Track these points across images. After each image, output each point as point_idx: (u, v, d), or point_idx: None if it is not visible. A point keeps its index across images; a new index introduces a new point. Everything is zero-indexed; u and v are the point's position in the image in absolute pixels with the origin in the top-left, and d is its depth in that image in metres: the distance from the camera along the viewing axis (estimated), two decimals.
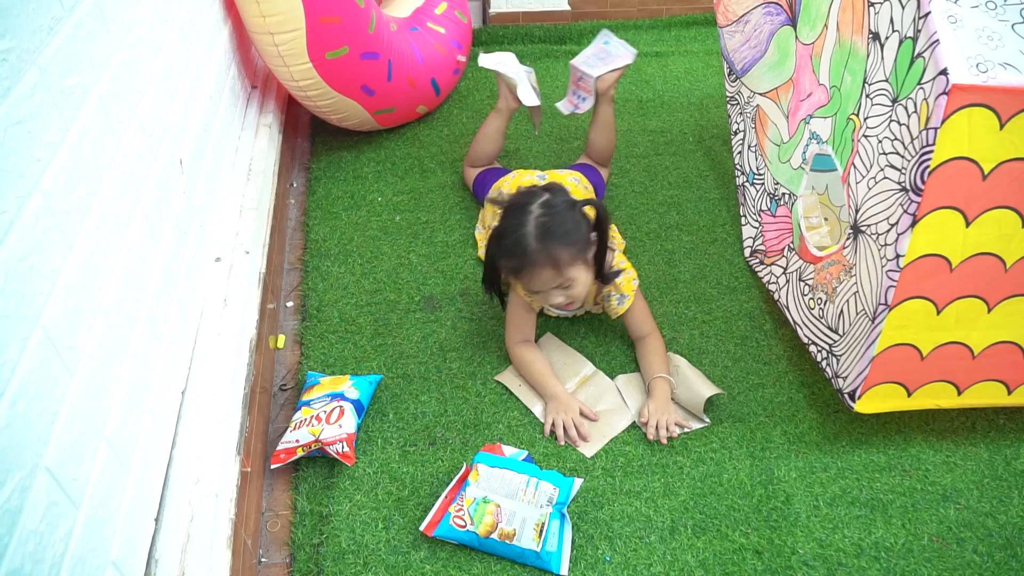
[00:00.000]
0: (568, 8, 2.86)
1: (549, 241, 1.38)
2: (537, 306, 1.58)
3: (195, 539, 1.07)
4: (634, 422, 1.47)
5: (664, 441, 1.42)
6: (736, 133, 1.98)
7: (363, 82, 1.93)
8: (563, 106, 2.01)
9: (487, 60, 1.91)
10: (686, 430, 1.45)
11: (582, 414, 1.46)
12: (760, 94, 1.84)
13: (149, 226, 1.11)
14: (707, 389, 1.47)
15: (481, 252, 1.82)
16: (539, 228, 1.38)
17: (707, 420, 1.47)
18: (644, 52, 2.71)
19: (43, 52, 0.84)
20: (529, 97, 1.88)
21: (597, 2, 2.90)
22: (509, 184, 1.80)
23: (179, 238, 1.25)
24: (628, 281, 1.55)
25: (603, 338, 1.65)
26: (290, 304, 1.72)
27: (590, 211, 1.47)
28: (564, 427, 1.43)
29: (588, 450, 1.41)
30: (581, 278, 1.43)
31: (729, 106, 2.02)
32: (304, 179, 2.09)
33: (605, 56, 1.92)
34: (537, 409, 1.49)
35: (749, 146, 1.91)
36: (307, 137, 2.24)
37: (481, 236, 1.86)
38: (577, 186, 1.80)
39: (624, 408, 1.50)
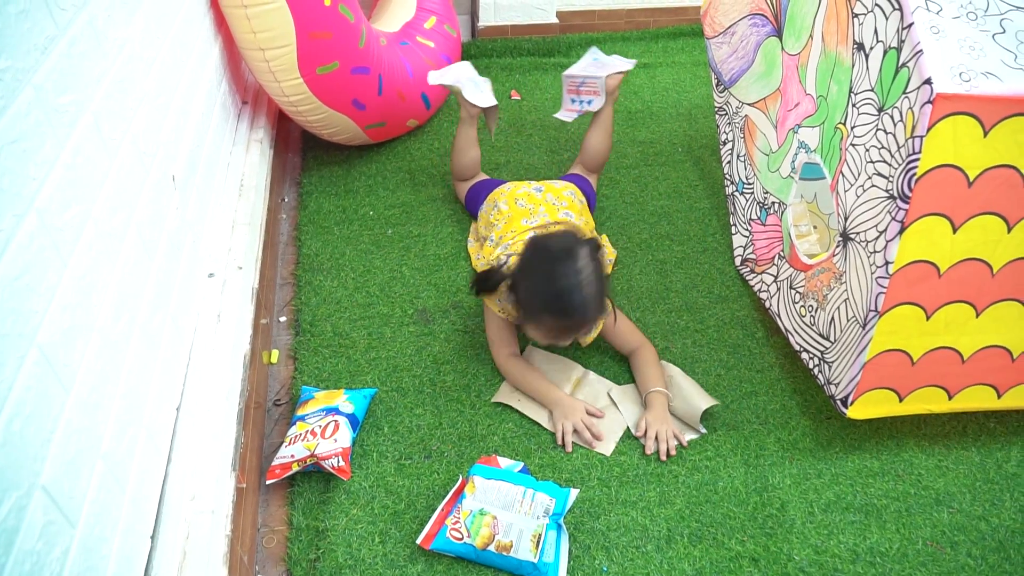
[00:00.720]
0: (556, 21, 2.88)
1: (600, 297, 1.40)
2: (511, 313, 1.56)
3: (191, 556, 1.06)
4: (630, 445, 1.46)
5: (663, 457, 1.42)
6: (725, 143, 2.00)
7: (354, 97, 1.94)
8: (565, 115, 2.03)
9: (435, 77, 1.94)
10: (683, 446, 1.45)
11: (589, 413, 1.47)
12: (748, 104, 1.86)
13: (143, 242, 1.11)
14: (703, 401, 1.48)
15: (476, 264, 1.82)
16: (594, 281, 1.37)
17: (703, 430, 1.48)
18: None
19: (38, 71, 0.84)
20: (476, 97, 1.90)
21: (585, 15, 2.93)
22: (506, 197, 1.80)
23: (172, 254, 1.25)
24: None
25: (595, 349, 1.65)
26: (283, 319, 1.72)
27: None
28: (576, 430, 1.44)
29: (606, 448, 1.42)
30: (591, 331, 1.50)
31: (718, 116, 2.04)
32: (296, 194, 2.09)
33: (601, 65, 1.96)
34: (544, 419, 1.49)
35: (738, 156, 1.93)
36: (298, 152, 2.24)
37: (474, 249, 1.87)
38: (573, 199, 1.81)
39: (616, 417, 1.50)
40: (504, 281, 1.47)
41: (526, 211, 1.74)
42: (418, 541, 1.27)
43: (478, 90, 1.92)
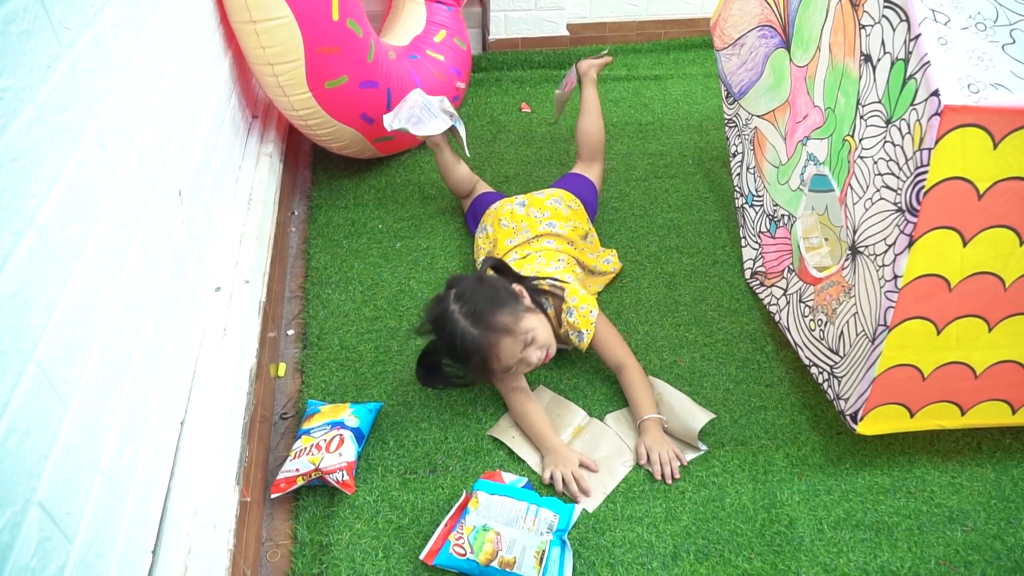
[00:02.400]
0: (567, 34, 2.88)
1: (485, 319, 1.39)
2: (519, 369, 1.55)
3: (193, 571, 1.06)
4: (635, 466, 1.43)
5: (669, 481, 1.40)
6: (735, 155, 1.99)
7: (362, 110, 1.95)
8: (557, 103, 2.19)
9: (390, 123, 1.91)
10: (683, 465, 1.43)
11: (582, 465, 1.41)
12: (758, 116, 1.84)
13: (147, 257, 1.12)
14: (698, 419, 1.44)
15: None
16: (468, 317, 1.39)
17: (704, 448, 1.46)
18: (643, 75, 2.74)
19: (40, 89, 0.85)
20: (426, 128, 1.88)
21: (595, 27, 2.93)
22: (491, 220, 1.82)
23: (178, 268, 1.26)
24: (583, 317, 1.53)
25: (601, 362, 1.64)
26: (291, 332, 1.73)
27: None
28: (564, 481, 1.38)
29: (590, 504, 1.36)
30: (535, 324, 1.44)
31: (727, 128, 2.03)
32: (305, 207, 2.10)
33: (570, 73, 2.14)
34: (533, 461, 1.44)
35: (748, 168, 1.92)
36: (308, 165, 2.25)
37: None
38: (558, 207, 1.80)
39: (622, 448, 1.46)
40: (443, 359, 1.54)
41: (509, 231, 1.75)
42: (421, 556, 1.26)
43: (430, 117, 1.89)
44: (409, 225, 2.02)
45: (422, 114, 1.90)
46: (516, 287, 1.49)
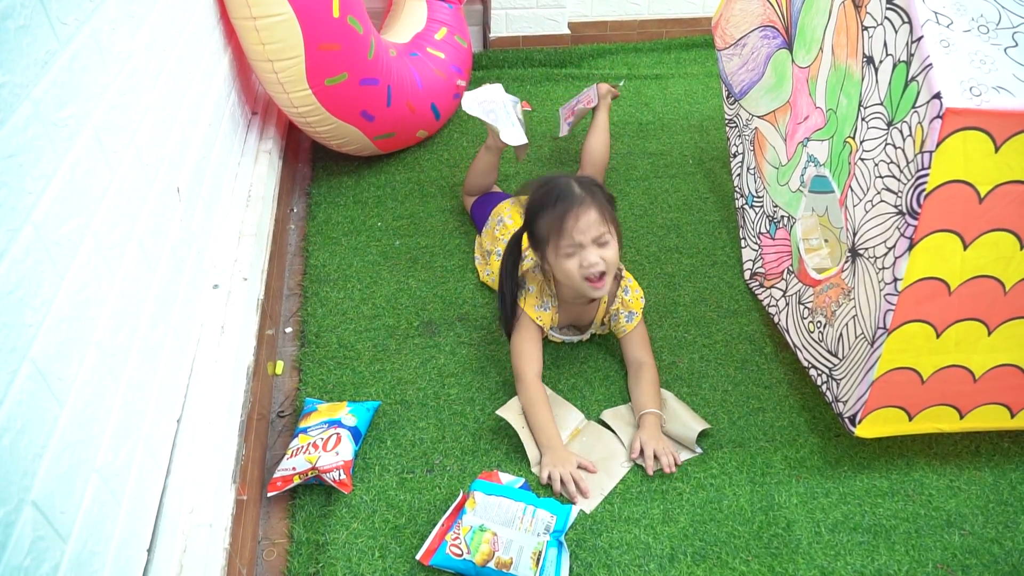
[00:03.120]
0: (568, 32, 2.88)
1: (591, 187, 1.47)
2: (546, 324, 1.56)
3: (189, 570, 1.06)
4: (632, 468, 1.42)
5: (667, 470, 1.40)
6: (735, 155, 1.99)
7: (362, 108, 1.94)
8: (564, 130, 2.18)
9: (471, 105, 1.88)
10: (676, 463, 1.42)
11: (580, 467, 1.40)
12: (758, 117, 1.84)
13: (144, 255, 1.11)
14: (697, 424, 1.46)
15: (485, 278, 1.82)
16: (578, 180, 1.48)
17: (699, 450, 1.45)
18: (644, 75, 2.73)
19: (37, 85, 0.85)
20: (512, 137, 1.86)
21: (597, 26, 2.93)
22: (510, 208, 1.81)
23: (176, 266, 1.25)
24: (637, 299, 1.58)
25: (601, 363, 1.64)
26: (289, 330, 1.72)
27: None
28: (563, 481, 1.37)
29: (587, 505, 1.35)
30: (613, 243, 1.47)
31: (728, 129, 2.02)
32: (304, 204, 2.10)
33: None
34: (532, 455, 1.43)
35: (748, 168, 1.91)
36: (308, 162, 2.25)
37: (481, 265, 1.86)
38: None
39: (619, 450, 1.45)
40: (523, 234, 1.54)
41: None
42: (418, 556, 1.26)
43: (512, 127, 1.86)
44: (408, 223, 2.02)
45: (500, 112, 1.88)
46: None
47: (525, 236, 1.55)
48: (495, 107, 1.89)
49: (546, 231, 1.47)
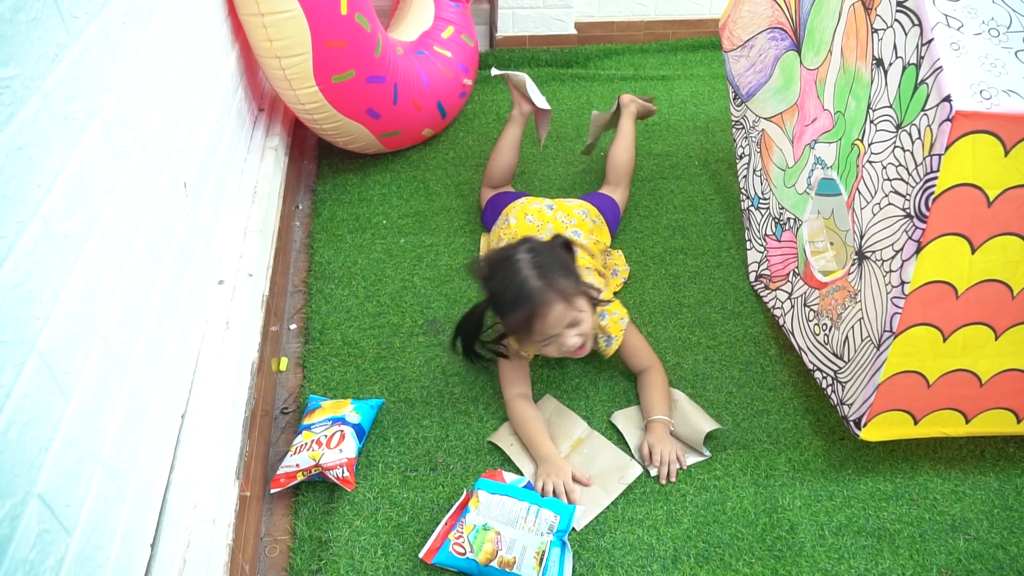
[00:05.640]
0: (574, 32, 2.87)
1: (550, 276, 1.36)
2: (531, 354, 1.54)
3: (191, 565, 1.06)
4: (628, 486, 1.39)
5: (663, 481, 1.39)
6: (741, 157, 1.98)
7: (369, 105, 1.94)
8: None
9: (496, 72, 2.01)
10: (681, 467, 1.42)
11: (575, 479, 1.38)
12: (765, 118, 1.84)
13: (151, 249, 1.11)
14: (706, 424, 1.45)
15: None
16: (535, 268, 1.36)
17: (707, 453, 1.45)
18: (650, 76, 2.73)
19: (47, 78, 0.85)
20: (540, 99, 1.96)
21: (603, 26, 2.92)
22: (516, 212, 1.79)
23: (182, 261, 1.25)
24: (615, 322, 1.53)
25: (605, 362, 1.64)
26: (293, 326, 1.72)
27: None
28: (555, 491, 1.35)
29: (579, 521, 1.33)
30: (587, 311, 1.41)
31: (734, 130, 2.02)
32: (310, 201, 2.10)
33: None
34: (528, 471, 1.41)
35: (754, 170, 1.91)
36: (313, 159, 2.25)
37: None
38: (584, 218, 1.79)
39: (620, 463, 1.42)
40: (484, 312, 1.47)
41: (533, 227, 1.73)
42: (421, 555, 1.26)
43: (536, 93, 1.97)
44: (413, 221, 2.01)
45: (528, 80, 1.97)
46: (580, 269, 1.49)
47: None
48: (520, 76, 1.98)
49: (514, 329, 1.40)
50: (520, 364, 1.53)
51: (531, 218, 1.76)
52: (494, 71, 2.01)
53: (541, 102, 1.96)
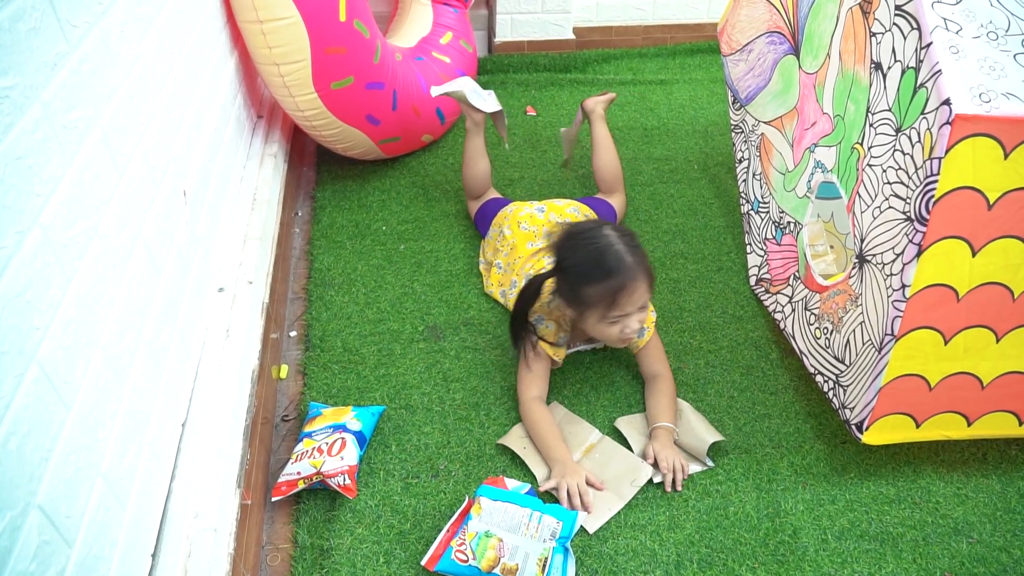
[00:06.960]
0: (573, 37, 2.88)
1: (640, 256, 1.40)
2: (561, 357, 1.55)
3: (193, 574, 1.05)
4: (639, 490, 1.39)
5: (668, 488, 1.38)
6: (741, 161, 1.98)
7: (368, 112, 1.94)
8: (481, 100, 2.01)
9: (436, 89, 1.97)
10: (684, 476, 1.41)
11: (588, 483, 1.37)
12: (764, 122, 1.84)
13: (151, 257, 1.11)
14: (710, 435, 1.44)
15: (487, 286, 1.81)
16: (625, 243, 1.40)
17: (711, 464, 1.44)
18: (649, 80, 2.73)
19: (47, 88, 0.85)
20: (481, 102, 1.92)
21: (602, 31, 2.93)
22: (509, 219, 1.80)
23: (181, 269, 1.25)
24: (648, 314, 1.54)
25: (607, 368, 1.63)
26: (293, 334, 1.72)
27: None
28: (570, 493, 1.34)
29: (591, 525, 1.32)
30: (649, 303, 1.45)
31: (733, 134, 2.02)
32: (309, 208, 2.10)
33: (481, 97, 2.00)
34: (540, 474, 1.41)
35: (754, 174, 1.91)
36: (312, 166, 2.25)
37: (484, 269, 1.85)
38: (576, 216, 1.79)
39: (632, 467, 1.41)
40: (546, 281, 1.47)
41: (530, 234, 1.74)
42: (423, 562, 1.25)
43: (481, 98, 1.94)
44: (413, 227, 2.01)
45: (468, 86, 1.94)
46: None
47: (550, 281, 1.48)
48: (460, 84, 1.94)
49: (594, 301, 1.39)
50: (541, 368, 1.53)
51: (525, 225, 1.76)
52: (433, 91, 1.96)
53: (489, 105, 1.94)
